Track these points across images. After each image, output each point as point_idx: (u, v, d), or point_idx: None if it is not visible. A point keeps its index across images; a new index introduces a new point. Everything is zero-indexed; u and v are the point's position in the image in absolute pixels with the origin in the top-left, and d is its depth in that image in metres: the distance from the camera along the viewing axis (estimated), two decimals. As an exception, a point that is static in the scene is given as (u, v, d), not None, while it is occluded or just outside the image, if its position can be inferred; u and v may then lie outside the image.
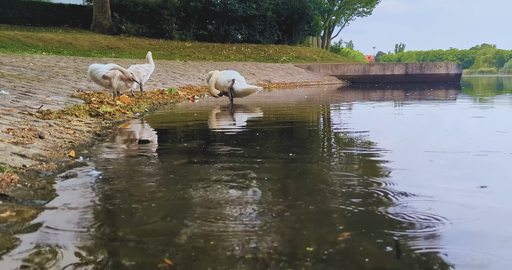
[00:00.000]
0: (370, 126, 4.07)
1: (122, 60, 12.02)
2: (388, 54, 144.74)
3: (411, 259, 1.17)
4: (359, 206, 1.60)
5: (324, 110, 6.11)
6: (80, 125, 3.47)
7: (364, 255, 1.19)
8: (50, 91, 5.37)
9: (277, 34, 28.09)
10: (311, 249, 1.24)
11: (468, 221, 1.45)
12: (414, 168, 2.24)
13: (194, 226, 1.42)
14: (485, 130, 3.69)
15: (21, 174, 1.92)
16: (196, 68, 14.02)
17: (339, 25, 44.78)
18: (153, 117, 4.84)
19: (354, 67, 20.71)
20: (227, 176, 2.07)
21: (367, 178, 2.02)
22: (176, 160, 2.48)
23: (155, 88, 8.10)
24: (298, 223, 1.44)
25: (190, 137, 3.54)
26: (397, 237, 1.32)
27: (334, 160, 2.50)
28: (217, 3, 25.10)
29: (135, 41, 21.09)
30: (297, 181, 2.00)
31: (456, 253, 1.21)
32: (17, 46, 13.35)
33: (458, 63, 22.23)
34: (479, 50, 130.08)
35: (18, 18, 20.89)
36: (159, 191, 1.82)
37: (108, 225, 1.45)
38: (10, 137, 2.52)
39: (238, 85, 6.64)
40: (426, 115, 5.27)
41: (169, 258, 1.17)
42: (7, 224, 1.39)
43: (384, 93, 10.90)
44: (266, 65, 19.52)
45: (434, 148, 2.78)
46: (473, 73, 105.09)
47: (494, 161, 2.37)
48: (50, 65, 8.81)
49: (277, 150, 2.82)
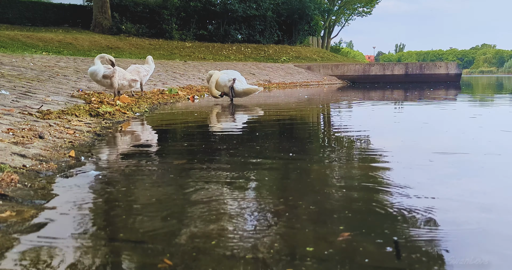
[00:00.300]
0: (370, 126, 4.07)
1: (122, 60, 12.02)
2: (388, 54, 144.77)
3: (411, 259, 1.17)
4: (360, 206, 1.60)
5: (324, 110, 6.11)
6: (80, 125, 3.47)
7: (364, 255, 1.19)
8: (50, 91, 5.37)
9: (277, 34, 28.09)
10: (311, 249, 1.24)
11: (468, 221, 1.45)
12: (415, 168, 2.24)
13: (194, 226, 1.42)
14: (485, 130, 3.68)
15: (21, 174, 1.92)
16: (196, 68, 14.02)
17: (339, 25, 44.81)
18: (153, 117, 4.84)
19: (354, 67, 20.71)
20: (227, 176, 2.07)
21: (368, 178, 2.02)
22: (176, 160, 2.48)
23: (155, 88, 8.11)
24: (298, 223, 1.44)
25: (190, 137, 3.54)
26: (398, 237, 1.32)
27: (335, 160, 2.50)
28: (217, 3, 25.10)
29: (135, 41, 21.09)
30: (297, 181, 2.00)
31: (456, 253, 1.21)
32: (17, 46, 13.35)
33: (458, 63, 22.22)
34: (479, 50, 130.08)
35: (18, 18, 20.89)
36: (159, 191, 1.82)
37: (108, 225, 1.45)
38: (10, 137, 2.52)
39: (238, 85, 6.64)
40: (426, 115, 5.27)
41: (169, 258, 1.17)
42: (7, 224, 1.39)
43: (384, 93, 10.90)
44: (266, 65, 19.52)
45: (434, 148, 2.78)
46: (473, 73, 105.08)
47: (495, 161, 2.37)
48: (50, 65, 8.81)
49: (277, 150, 2.82)
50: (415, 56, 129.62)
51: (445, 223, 1.43)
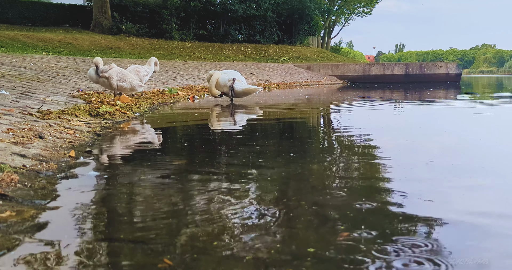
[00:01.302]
0: (371, 126, 4.07)
1: (122, 60, 12.02)
2: (388, 54, 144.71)
3: (411, 259, 1.17)
4: (360, 206, 1.60)
5: (324, 110, 6.11)
6: (80, 125, 3.47)
7: (364, 255, 1.19)
8: (50, 91, 5.37)
9: (277, 34, 28.09)
10: (311, 249, 1.24)
11: (468, 221, 1.45)
12: (415, 167, 2.23)
13: (194, 226, 1.42)
14: (485, 130, 3.68)
15: (21, 174, 1.92)
16: (196, 68, 14.02)
17: (339, 25, 44.82)
18: (153, 117, 4.84)
19: (354, 67, 20.71)
20: (227, 176, 2.07)
21: (368, 178, 2.02)
22: (176, 160, 2.48)
23: (155, 88, 8.10)
24: (298, 223, 1.44)
25: (190, 137, 3.54)
26: (398, 236, 1.32)
27: (335, 160, 2.49)
28: (217, 3, 25.10)
29: (135, 41, 21.09)
30: (297, 181, 2.00)
31: (456, 253, 1.21)
32: (17, 46, 13.35)
33: (458, 63, 22.21)
34: (479, 50, 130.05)
35: (18, 18, 20.90)
36: (159, 191, 1.82)
37: (108, 225, 1.45)
38: (10, 137, 2.52)
39: (238, 85, 6.65)
40: (426, 115, 5.27)
41: (169, 258, 1.17)
42: (7, 224, 1.39)
43: (384, 93, 10.90)
44: (266, 65, 19.52)
45: (434, 148, 2.78)
46: (473, 73, 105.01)
47: (494, 161, 2.37)
48: (50, 65, 8.81)
49: (277, 150, 2.82)
50: (415, 56, 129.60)
51: (446, 223, 1.43)
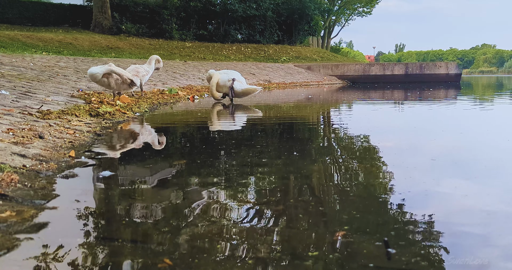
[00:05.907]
0: (371, 126, 4.07)
1: (122, 60, 12.02)
2: (388, 54, 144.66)
3: (411, 259, 1.17)
4: (360, 206, 1.60)
5: (324, 110, 6.11)
6: (80, 125, 3.47)
7: (364, 255, 1.19)
8: (50, 91, 5.37)
9: (277, 34, 28.08)
10: (311, 249, 1.23)
11: (468, 221, 1.45)
12: (415, 167, 2.23)
13: (194, 226, 1.42)
14: (485, 130, 3.68)
15: (21, 174, 1.92)
16: (196, 68, 14.02)
17: (339, 25, 44.80)
18: (153, 117, 4.84)
19: (354, 67, 20.71)
20: (227, 176, 2.07)
21: (368, 178, 2.02)
22: (176, 160, 2.48)
23: (155, 88, 8.10)
24: (298, 223, 1.44)
25: (190, 137, 3.54)
26: (397, 236, 1.32)
27: (335, 159, 2.50)
28: (217, 3, 25.08)
29: (135, 41, 21.08)
30: (297, 181, 2.00)
31: (456, 252, 1.21)
32: (17, 46, 13.34)
33: (458, 63, 22.22)
34: (479, 50, 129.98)
35: (18, 18, 20.88)
36: (159, 191, 1.82)
37: (109, 224, 1.45)
38: (10, 137, 2.52)
39: (238, 85, 6.65)
40: (426, 115, 5.27)
41: (169, 258, 1.17)
42: (7, 224, 1.39)
43: (384, 93, 10.90)
44: (266, 65, 19.52)
45: (435, 148, 2.78)
46: (473, 73, 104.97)
47: (493, 161, 2.37)
48: (50, 65, 8.81)
49: (277, 150, 2.82)
50: (415, 56, 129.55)
51: (446, 223, 1.43)
